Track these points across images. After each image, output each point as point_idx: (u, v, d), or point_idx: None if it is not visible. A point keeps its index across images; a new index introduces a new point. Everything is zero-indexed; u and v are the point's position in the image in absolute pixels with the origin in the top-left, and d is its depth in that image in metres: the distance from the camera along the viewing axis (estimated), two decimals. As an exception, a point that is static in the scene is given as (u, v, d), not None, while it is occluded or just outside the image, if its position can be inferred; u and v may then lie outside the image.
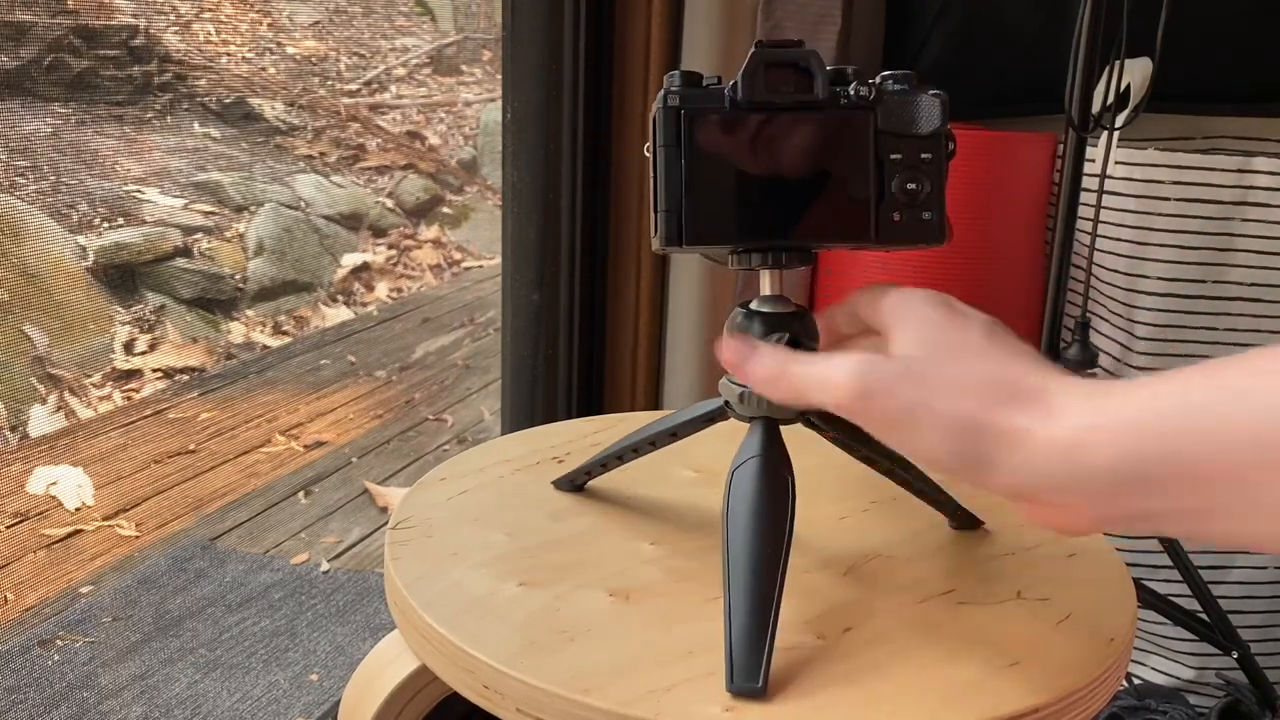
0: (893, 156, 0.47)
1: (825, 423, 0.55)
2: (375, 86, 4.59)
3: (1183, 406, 0.37)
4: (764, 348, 0.47)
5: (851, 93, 0.47)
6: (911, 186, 0.47)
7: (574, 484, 0.64)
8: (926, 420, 0.41)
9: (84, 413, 2.44)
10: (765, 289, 0.50)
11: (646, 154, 0.48)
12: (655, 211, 0.47)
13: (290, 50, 4.33)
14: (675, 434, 0.58)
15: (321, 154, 3.96)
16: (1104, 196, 1.16)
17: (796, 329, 0.49)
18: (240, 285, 3.19)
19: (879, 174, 0.47)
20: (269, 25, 4.35)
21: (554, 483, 0.65)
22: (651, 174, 0.47)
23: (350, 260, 3.62)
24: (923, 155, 0.47)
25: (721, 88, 0.47)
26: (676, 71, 0.47)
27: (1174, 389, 0.38)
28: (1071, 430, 0.39)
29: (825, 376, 0.44)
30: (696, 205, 0.46)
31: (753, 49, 0.46)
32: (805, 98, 0.46)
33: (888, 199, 0.47)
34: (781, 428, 0.50)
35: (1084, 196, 1.14)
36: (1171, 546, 1.11)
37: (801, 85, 0.46)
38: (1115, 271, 1.23)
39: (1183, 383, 0.38)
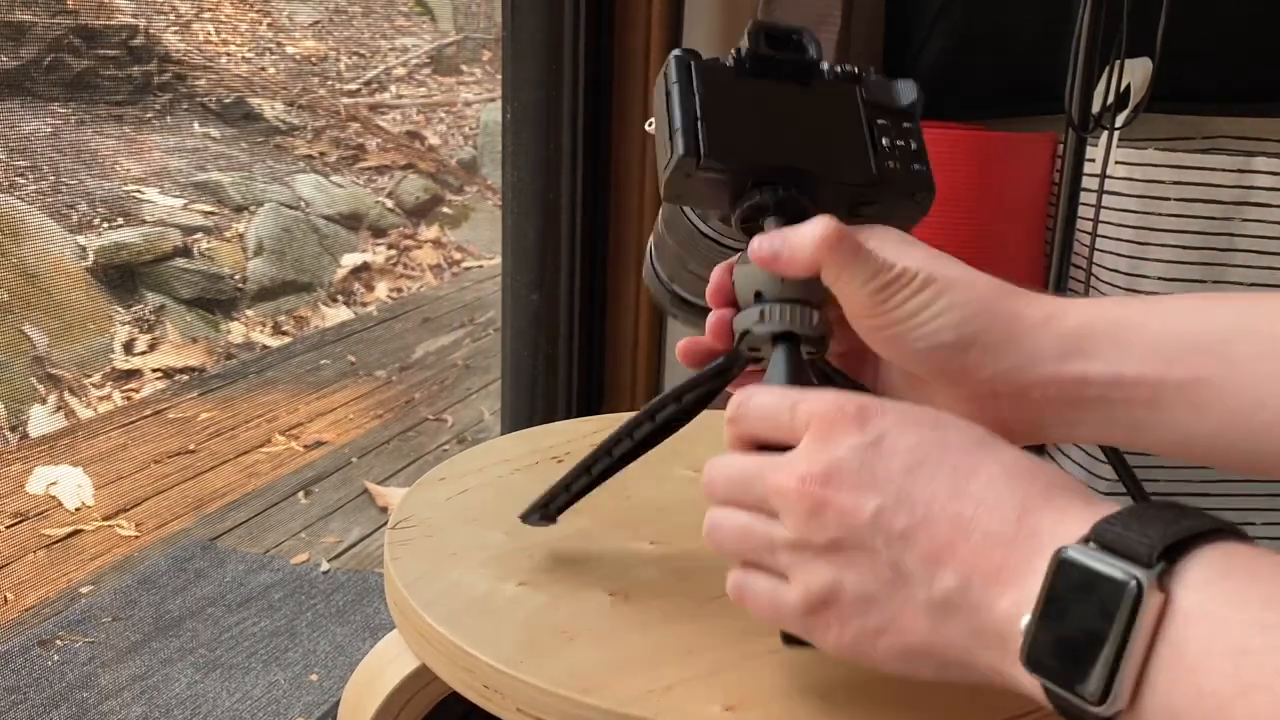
0: (879, 121, 0.49)
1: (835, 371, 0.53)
2: (375, 86, 4.59)
3: None
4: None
5: (838, 70, 0.50)
6: (900, 143, 0.49)
7: (546, 515, 0.56)
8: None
9: (84, 413, 2.44)
10: None
11: (648, 129, 0.48)
12: (670, 135, 0.46)
13: (290, 50, 4.33)
14: (680, 399, 0.50)
15: (321, 154, 3.96)
16: (1104, 196, 1.16)
17: (803, 293, 0.47)
18: (240, 285, 3.19)
19: (871, 132, 0.49)
20: (269, 25, 4.35)
21: (520, 517, 0.56)
22: (663, 109, 0.47)
23: (350, 260, 3.62)
24: (904, 124, 0.50)
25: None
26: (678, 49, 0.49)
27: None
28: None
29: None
30: (712, 126, 0.46)
31: (749, 24, 0.49)
32: (803, 59, 0.49)
33: (881, 151, 0.49)
34: None
35: (1084, 196, 1.14)
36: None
37: (799, 51, 0.49)
38: (1115, 271, 1.23)
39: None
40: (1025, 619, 0.34)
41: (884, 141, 0.49)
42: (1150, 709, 0.32)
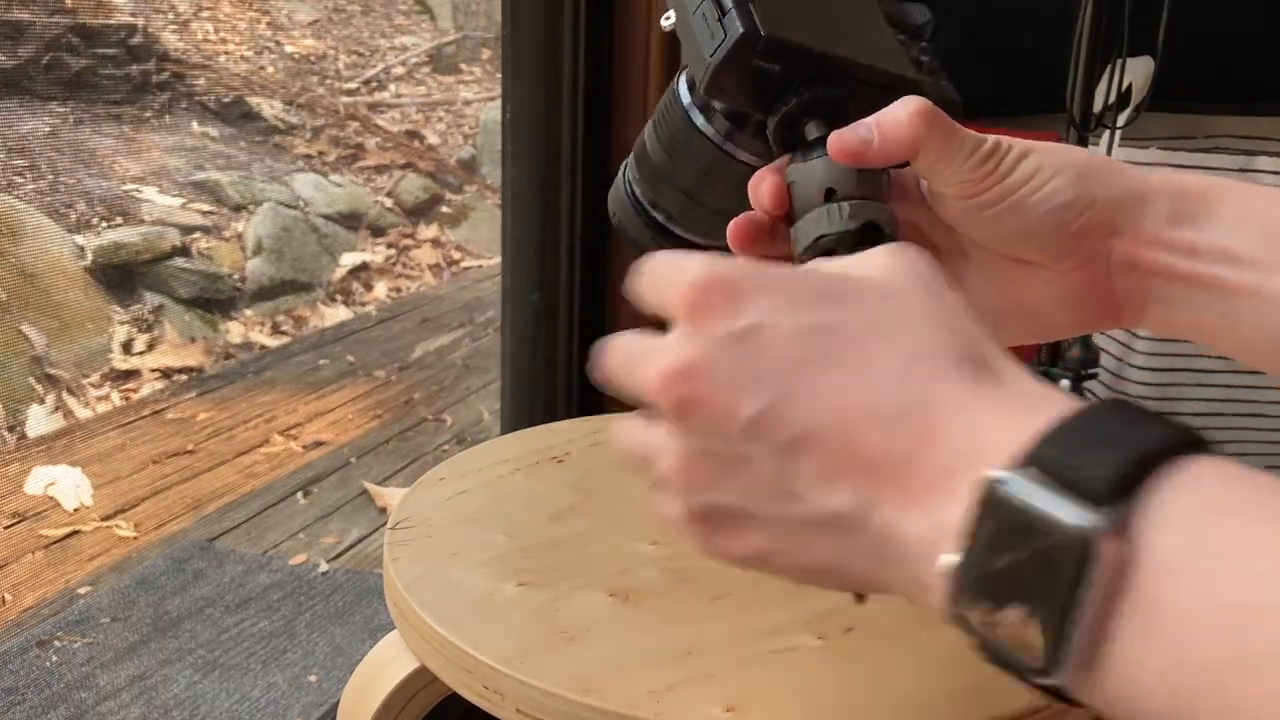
0: (900, 37, 0.48)
1: None
2: (374, 85, 4.59)
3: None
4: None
5: None
6: (925, 59, 0.47)
7: None
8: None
9: (82, 413, 2.44)
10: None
11: (664, 24, 0.46)
12: (721, 17, 0.43)
13: (289, 49, 4.33)
14: None
15: (320, 153, 3.96)
16: (1105, 196, 1.15)
17: (875, 190, 0.43)
18: (239, 285, 3.19)
19: (900, 41, 0.48)
20: (267, 24, 4.35)
21: None
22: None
23: (349, 260, 3.62)
24: (922, 45, 0.48)
25: None
26: None
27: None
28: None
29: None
30: (765, 9, 0.43)
31: None
32: None
33: (913, 60, 0.47)
34: None
35: (1085, 196, 1.13)
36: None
37: None
38: (1116, 271, 1.22)
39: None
40: (944, 559, 0.28)
41: (911, 52, 0.47)
42: (1116, 678, 0.26)
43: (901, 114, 0.40)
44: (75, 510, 2.02)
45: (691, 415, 0.33)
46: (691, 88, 0.49)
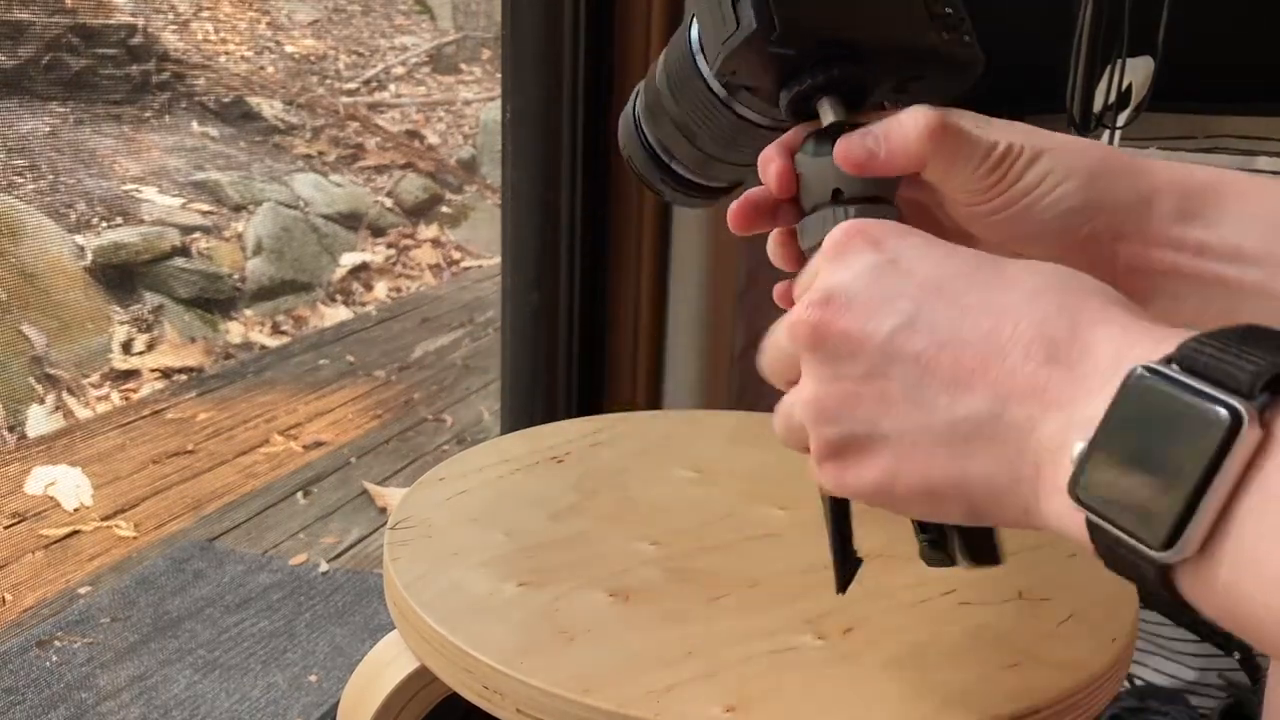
0: None
1: None
2: (374, 85, 4.59)
3: None
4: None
5: None
6: (949, 11, 0.46)
7: None
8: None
9: (82, 413, 2.44)
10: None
11: None
12: (735, 5, 0.42)
13: (289, 49, 4.33)
14: None
15: (320, 153, 3.96)
16: (1105, 196, 1.15)
17: (884, 189, 0.42)
18: (238, 285, 3.19)
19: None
20: (268, 24, 4.35)
21: None
22: None
23: (349, 260, 3.62)
24: None
25: None
26: None
27: None
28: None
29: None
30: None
31: None
32: None
33: (934, 20, 0.46)
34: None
35: (1085, 196, 1.13)
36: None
37: None
38: (1116, 271, 1.22)
39: None
40: (1078, 445, 0.29)
41: (933, 8, 0.46)
42: (1229, 559, 0.27)
43: (910, 128, 0.40)
44: (75, 510, 2.02)
45: (826, 342, 0.35)
46: (703, 41, 0.48)
